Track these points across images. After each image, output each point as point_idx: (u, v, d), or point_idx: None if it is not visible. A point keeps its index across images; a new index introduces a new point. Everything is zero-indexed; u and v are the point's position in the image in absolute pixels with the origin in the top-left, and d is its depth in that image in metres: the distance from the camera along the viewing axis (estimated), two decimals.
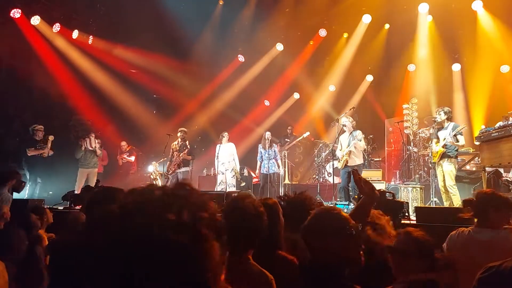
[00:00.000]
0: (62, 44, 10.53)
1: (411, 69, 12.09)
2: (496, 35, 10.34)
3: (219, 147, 9.10)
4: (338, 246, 1.67)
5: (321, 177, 10.31)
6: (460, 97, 11.30)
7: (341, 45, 12.44)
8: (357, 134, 7.55)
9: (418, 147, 9.76)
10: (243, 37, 12.05)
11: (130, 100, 11.58)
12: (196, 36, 11.52)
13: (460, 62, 11.50)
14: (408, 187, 8.47)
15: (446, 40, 11.07)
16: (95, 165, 9.28)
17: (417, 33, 11.30)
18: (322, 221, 1.76)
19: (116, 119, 11.31)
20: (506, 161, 6.35)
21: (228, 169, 9.12)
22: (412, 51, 11.63)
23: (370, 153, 10.35)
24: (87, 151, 9.15)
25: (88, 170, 9.16)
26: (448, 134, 6.81)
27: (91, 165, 9.21)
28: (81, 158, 9.13)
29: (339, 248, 1.67)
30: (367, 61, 12.47)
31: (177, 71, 11.91)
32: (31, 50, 10.04)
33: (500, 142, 6.41)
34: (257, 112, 13.29)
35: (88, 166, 9.17)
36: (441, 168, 6.88)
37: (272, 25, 11.81)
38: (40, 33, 10.18)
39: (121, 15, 10.48)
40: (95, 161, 9.28)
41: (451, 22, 10.62)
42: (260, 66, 12.81)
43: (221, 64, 12.64)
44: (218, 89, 12.82)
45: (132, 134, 11.38)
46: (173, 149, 9.07)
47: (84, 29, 10.86)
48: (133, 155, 10.66)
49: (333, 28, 12.07)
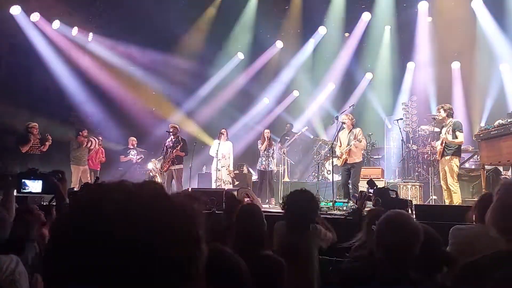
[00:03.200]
0: (61, 41, 10.51)
1: (411, 66, 12.10)
2: (495, 33, 10.35)
3: (218, 144, 9.09)
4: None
5: (321, 174, 10.32)
6: (459, 95, 11.31)
7: (341, 43, 12.44)
8: (357, 132, 7.54)
9: (417, 144, 9.77)
10: (243, 35, 12.03)
11: (129, 97, 11.56)
12: (196, 33, 11.50)
13: (459, 60, 11.51)
14: (407, 185, 8.51)
15: (445, 38, 11.07)
16: (86, 163, 9.40)
17: (416, 31, 11.30)
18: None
19: (115, 116, 11.30)
20: (505, 159, 6.37)
21: (224, 166, 9.13)
22: (412, 49, 11.64)
23: (369, 150, 10.35)
24: (84, 149, 9.22)
25: (82, 167, 9.22)
26: (446, 131, 6.80)
27: (84, 163, 9.30)
28: (78, 156, 9.17)
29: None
30: (366, 59, 12.49)
31: (176, 68, 11.89)
32: (31, 47, 10.02)
33: (500, 140, 6.43)
34: (256, 110, 13.28)
35: (83, 164, 9.25)
36: (442, 166, 6.88)
37: (272, 22, 11.81)
38: (40, 30, 10.16)
39: (120, 12, 10.45)
40: (86, 158, 9.42)
41: (451, 20, 10.62)
42: (259, 64, 12.81)
43: (221, 61, 12.63)
44: (217, 87, 12.80)
45: (131, 131, 11.35)
46: (166, 146, 9.04)
47: (84, 26, 10.83)
48: (141, 155, 10.57)
49: (333, 26, 12.05)
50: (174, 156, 8.81)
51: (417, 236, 1.88)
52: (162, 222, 0.66)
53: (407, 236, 1.86)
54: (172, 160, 8.82)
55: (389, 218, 1.97)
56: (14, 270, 2.21)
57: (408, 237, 1.86)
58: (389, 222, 1.95)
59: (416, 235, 1.88)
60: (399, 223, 1.92)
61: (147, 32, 10.76)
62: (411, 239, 1.86)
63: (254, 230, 2.62)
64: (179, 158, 8.92)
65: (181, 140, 9.00)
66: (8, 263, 2.23)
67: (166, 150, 9.02)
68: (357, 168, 7.60)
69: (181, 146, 8.85)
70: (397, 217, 1.97)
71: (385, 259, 1.89)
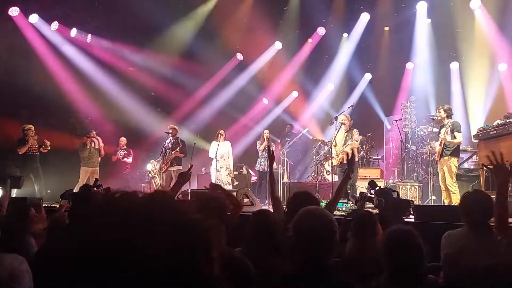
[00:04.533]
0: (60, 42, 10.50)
1: (410, 67, 12.11)
2: (494, 33, 10.36)
3: (217, 145, 9.09)
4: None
5: (320, 175, 10.32)
6: (458, 95, 11.32)
7: (340, 43, 12.45)
8: (354, 133, 7.58)
9: (416, 145, 9.78)
10: (242, 35, 12.03)
11: (129, 98, 11.55)
12: (195, 34, 11.50)
13: (458, 60, 11.52)
14: (407, 185, 8.51)
15: (444, 38, 11.09)
16: (97, 164, 9.34)
17: (415, 31, 11.31)
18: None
19: (114, 117, 11.29)
20: (504, 160, 6.36)
21: (223, 166, 9.12)
22: (411, 49, 11.65)
23: (368, 151, 10.35)
24: (92, 150, 9.19)
25: (91, 169, 9.19)
26: (445, 131, 6.81)
27: (94, 164, 9.26)
28: (86, 157, 9.15)
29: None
30: (365, 59, 12.50)
31: (176, 68, 11.88)
32: (29, 48, 10.01)
33: (498, 141, 6.44)
34: (255, 111, 13.28)
35: (92, 165, 9.21)
36: (441, 166, 6.89)
37: (270, 23, 11.81)
38: (38, 31, 10.15)
39: (119, 13, 10.45)
40: (98, 160, 9.34)
41: (449, 20, 10.64)
42: (258, 64, 12.81)
43: (220, 62, 12.62)
44: (216, 87, 12.80)
45: (130, 132, 11.34)
46: (165, 147, 9.04)
47: (83, 27, 10.83)
48: (130, 156, 10.46)
49: (332, 27, 12.06)
50: (173, 158, 8.82)
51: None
52: (172, 236, 0.65)
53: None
54: (171, 162, 8.83)
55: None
56: (15, 268, 2.20)
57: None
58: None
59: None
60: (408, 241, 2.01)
61: (147, 32, 10.75)
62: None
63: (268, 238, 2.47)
64: (178, 160, 8.93)
65: (180, 141, 9.01)
66: (11, 261, 2.23)
67: (165, 152, 9.03)
68: (354, 169, 7.62)
69: (180, 148, 8.87)
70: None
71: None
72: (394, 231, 2.04)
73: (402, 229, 2.06)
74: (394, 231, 2.05)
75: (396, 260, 1.95)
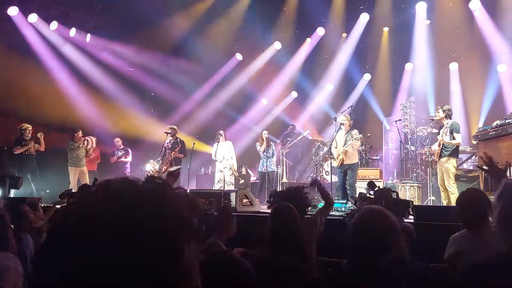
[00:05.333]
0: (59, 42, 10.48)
1: (409, 67, 12.12)
2: (493, 34, 10.37)
3: (217, 146, 9.08)
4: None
5: (319, 175, 10.31)
6: (457, 96, 11.33)
7: (339, 44, 12.45)
8: (354, 133, 7.57)
9: (415, 145, 9.79)
10: (241, 35, 12.03)
11: (127, 98, 11.53)
12: (194, 34, 11.49)
13: (457, 61, 11.53)
14: (406, 186, 8.51)
15: (443, 39, 11.09)
16: (84, 164, 9.34)
17: (414, 32, 11.32)
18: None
19: (113, 117, 11.27)
20: (503, 160, 6.35)
21: (227, 167, 9.12)
22: (410, 50, 11.66)
23: (368, 151, 10.36)
24: (82, 150, 9.20)
25: (80, 169, 9.19)
26: (443, 132, 6.80)
27: (82, 164, 9.25)
28: (74, 156, 9.14)
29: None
30: (365, 60, 12.51)
31: (175, 69, 11.88)
32: (28, 48, 9.99)
33: (498, 141, 6.44)
34: (254, 111, 13.28)
35: (80, 165, 9.20)
36: (440, 167, 6.89)
37: (270, 23, 11.81)
38: (37, 31, 10.13)
39: (118, 13, 10.43)
40: (85, 161, 9.35)
41: (449, 21, 10.65)
42: (257, 65, 12.81)
43: (219, 62, 12.62)
44: (215, 88, 12.79)
45: (129, 132, 11.33)
46: (165, 147, 9.04)
47: (82, 27, 10.81)
48: (129, 155, 10.44)
49: (331, 27, 12.06)
50: (173, 158, 8.82)
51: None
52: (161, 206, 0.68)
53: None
54: (171, 162, 8.83)
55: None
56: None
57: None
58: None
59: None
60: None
61: (146, 32, 10.73)
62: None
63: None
64: (178, 160, 8.94)
65: (179, 141, 9.01)
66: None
67: (164, 152, 9.02)
68: (354, 170, 7.66)
69: (180, 148, 8.87)
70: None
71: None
72: (364, 209, 2.04)
73: (371, 208, 2.05)
74: (364, 209, 2.05)
75: (363, 237, 1.90)
